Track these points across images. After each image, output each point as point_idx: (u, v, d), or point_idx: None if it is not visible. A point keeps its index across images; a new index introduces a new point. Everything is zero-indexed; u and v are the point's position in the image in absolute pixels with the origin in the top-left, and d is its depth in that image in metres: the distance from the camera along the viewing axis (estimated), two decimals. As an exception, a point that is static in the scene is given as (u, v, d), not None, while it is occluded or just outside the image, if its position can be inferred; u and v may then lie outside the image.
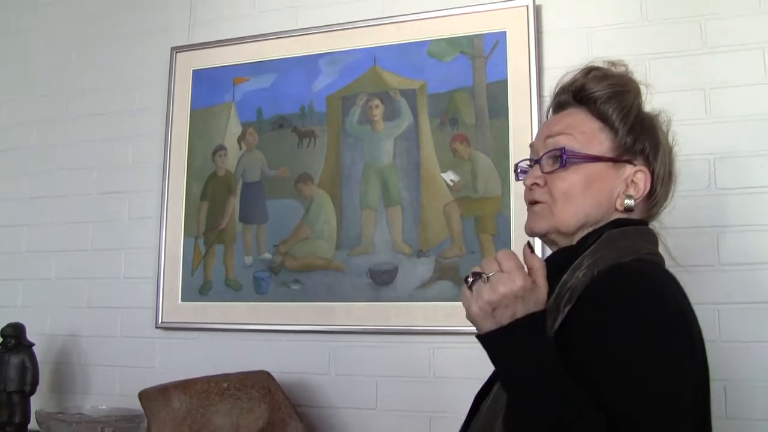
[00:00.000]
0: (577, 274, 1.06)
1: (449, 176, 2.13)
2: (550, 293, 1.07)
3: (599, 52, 1.94)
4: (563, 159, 1.14)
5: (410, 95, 2.21)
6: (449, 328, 2.03)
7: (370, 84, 2.26)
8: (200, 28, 2.52)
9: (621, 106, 1.16)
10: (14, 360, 2.22)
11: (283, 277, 2.26)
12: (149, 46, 2.58)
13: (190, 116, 2.45)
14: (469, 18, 2.17)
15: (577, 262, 1.09)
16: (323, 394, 2.18)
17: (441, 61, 2.18)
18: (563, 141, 1.16)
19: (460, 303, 0.99)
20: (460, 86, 2.15)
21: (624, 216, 1.15)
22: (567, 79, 1.23)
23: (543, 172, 1.17)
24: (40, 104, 2.71)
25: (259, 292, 2.28)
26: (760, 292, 1.82)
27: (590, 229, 1.14)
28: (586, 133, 1.16)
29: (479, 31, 2.15)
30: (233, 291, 2.31)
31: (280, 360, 2.20)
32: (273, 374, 2.03)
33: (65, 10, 2.75)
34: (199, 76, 2.47)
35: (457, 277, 2.06)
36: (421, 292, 2.09)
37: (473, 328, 1.01)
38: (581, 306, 1.01)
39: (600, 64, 1.22)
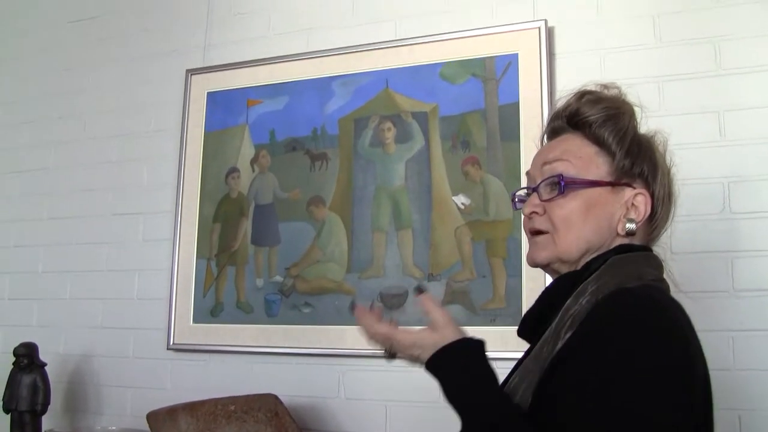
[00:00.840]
0: (581, 301, 1.04)
1: (460, 199, 2.11)
2: (552, 319, 1.05)
3: (612, 74, 1.95)
4: (561, 185, 1.12)
5: (422, 118, 2.20)
6: (459, 353, 2.00)
7: (383, 106, 2.26)
8: (215, 51, 2.54)
9: (617, 129, 1.14)
10: (26, 379, 2.24)
11: (294, 300, 2.25)
12: (165, 69, 2.60)
13: (204, 138, 2.47)
14: (481, 40, 2.16)
15: (580, 288, 1.07)
16: (333, 418, 2.16)
17: (453, 84, 2.18)
18: (560, 167, 1.14)
19: (471, 327, 1.06)
20: (472, 109, 2.14)
21: (627, 241, 1.13)
22: (560, 104, 1.22)
23: (541, 200, 1.15)
24: (58, 126, 2.75)
25: (270, 314, 2.27)
26: (776, 319, 1.78)
27: (594, 255, 1.12)
28: (583, 158, 1.14)
29: (491, 53, 2.14)
30: (244, 313, 2.30)
31: (290, 383, 2.19)
32: (283, 397, 2.02)
33: (82, 33, 2.79)
34: (213, 98, 2.49)
35: (467, 301, 2.04)
36: (431, 316, 2.07)
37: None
38: (581, 331, 0.99)
39: (593, 88, 1.20)
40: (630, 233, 1.12)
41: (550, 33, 2.09)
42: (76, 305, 2.57)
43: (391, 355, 1.17)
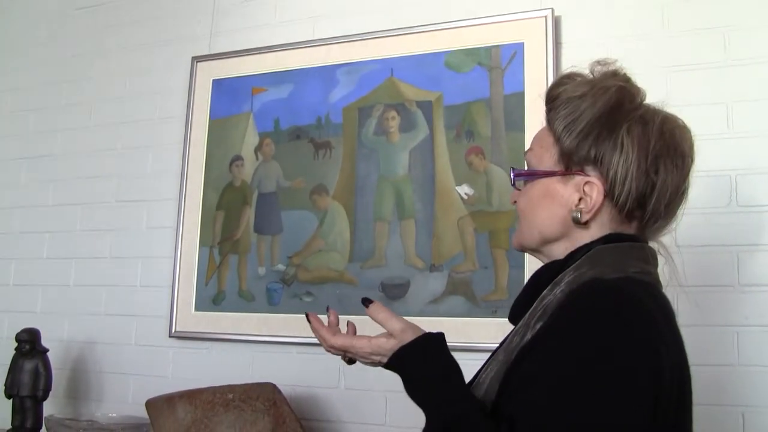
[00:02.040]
0: (555, 291, 1.01)
1: (464, 189, 2.09)
2: (528, 309, 1.04)
3: (619, 63, 1.91)
4: (512, 178, 1.15)
5: (426, 107, 2.18)
6: (460, 344, 1.97)
7: (387, 95, 2.23)
8: (221, 38, 2.53)
9: (567, 113, 1.06)
10: (28, 365, 2.24)
11: (296, 289, 2.24)
12: (170, 56, 2.59)
13: (209, 126, 2.46)
14: (487, 29, 2.13)
15: (558, 278, 1.04)
16: (332, 408, 2.15)
17: (458, 73, 2.15)
18: (529, 156, 1.15)
19: (472, 319, 1.04)
20: (477, 98, 2.12)
21: (617, 231, 1.07)
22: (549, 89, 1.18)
23: (515, 189, 1.18)
24: (64, 113, 2.75)
25: (272, 303, 2.26)
26: (782, 315, 1.75)
27: (553, 244, 1.11)
28: (543, 147, 1.12)
29: (497, 42, 2.11)
30: (246, 302, 2.29)
31: (291, 372, 2.18)
32: (283, 387, 2.01)
33: (90, 20, 2.79)
34: (218, 85, 2.48)
35: (469, 292, 2.02)
36: (432, 307, 2.05)
37: (485, 345, 1.26)
38: (549, 322, 0.97)
39: (580, 69, 1.13)
40: (576, 222, 1.07)
41: (556, 22, 2.06)
42: (80, 292, 2.57)
43: (349, 360, 1.23)
